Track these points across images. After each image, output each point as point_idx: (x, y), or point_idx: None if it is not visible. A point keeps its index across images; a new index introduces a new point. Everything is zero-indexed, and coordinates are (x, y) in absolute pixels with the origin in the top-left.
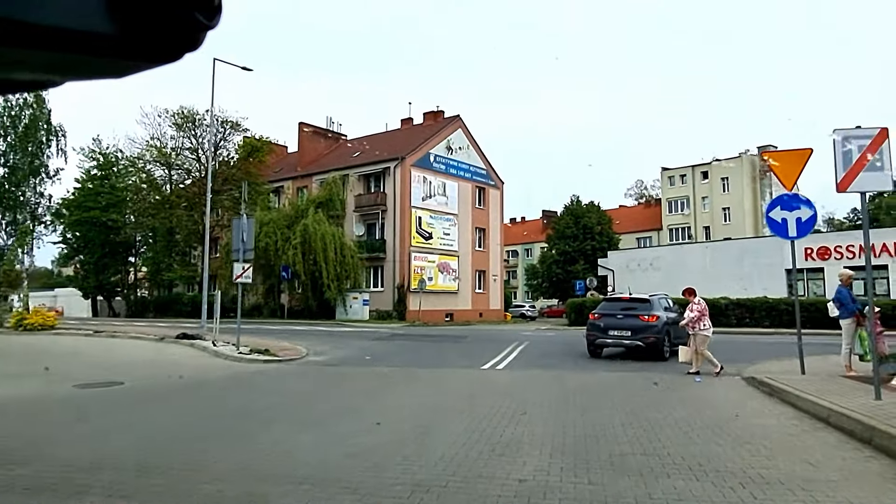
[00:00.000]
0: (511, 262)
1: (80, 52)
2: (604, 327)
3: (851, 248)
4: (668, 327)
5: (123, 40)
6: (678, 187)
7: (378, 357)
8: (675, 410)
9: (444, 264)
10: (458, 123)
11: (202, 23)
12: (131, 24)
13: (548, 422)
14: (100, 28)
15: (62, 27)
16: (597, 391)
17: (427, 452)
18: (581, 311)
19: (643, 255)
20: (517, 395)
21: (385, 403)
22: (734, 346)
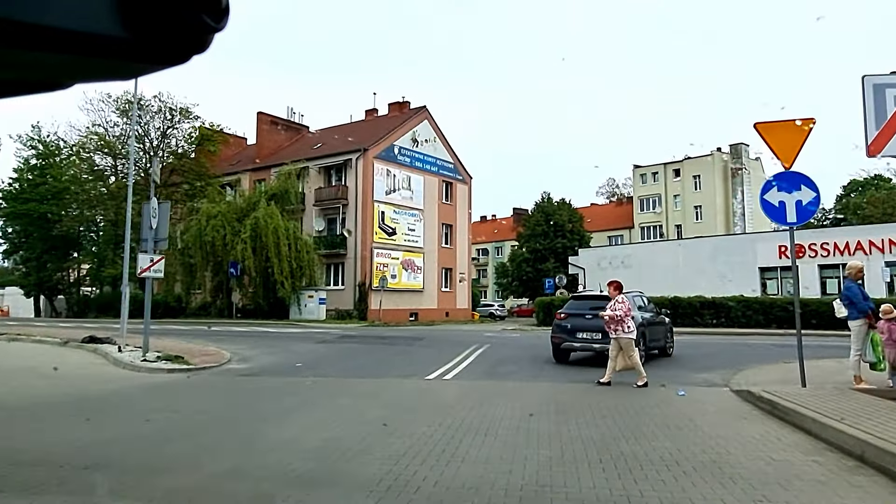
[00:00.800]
0: (482, 260)
1: (89, 55)
2: (570, 329)
3: (826, 245)
4: (642, 329)
5: (132, 42)
6: (650, 185)
7: (310, 364)
8: (658, 440)
9: (408, 261)
10: (424, 115)
11: (209, 25)
12: (140, 26)
13: (489, 460)
14: (109, 30)
15: (71, 29)
16: (558, 411)
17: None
18: (549, 311)
19: (614, 253)
20: (456, 418)
21: (281, 435)
22: (712, 348)
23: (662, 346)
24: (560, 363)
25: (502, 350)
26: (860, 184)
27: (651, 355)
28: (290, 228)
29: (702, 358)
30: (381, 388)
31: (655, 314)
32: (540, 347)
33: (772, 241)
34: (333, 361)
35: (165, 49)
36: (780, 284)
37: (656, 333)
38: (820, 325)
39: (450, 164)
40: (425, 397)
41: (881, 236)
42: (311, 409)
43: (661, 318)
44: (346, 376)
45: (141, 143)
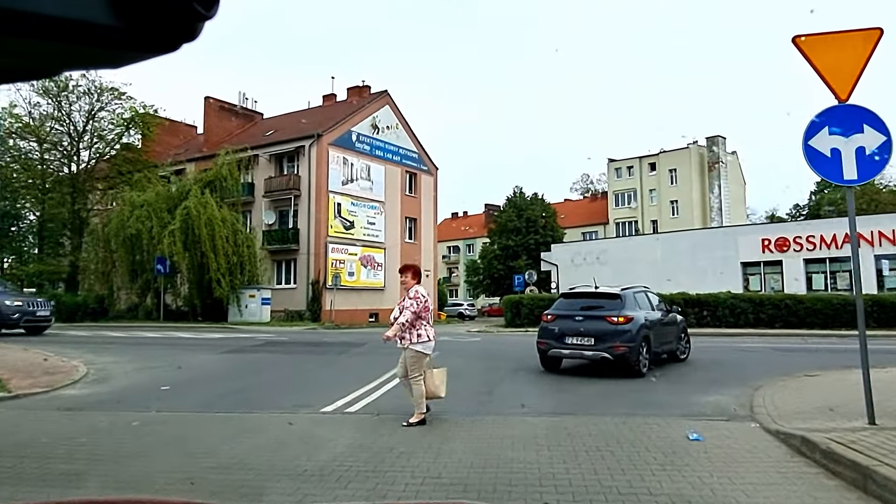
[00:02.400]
0: (452, 258)
1: (79, 43)
2: (559, 333)
3: (812, 238)
4: (646, 332)
5: (122, 30)
6: (625, 180)
7: (182, 386)
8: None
9: (367, 257)
10: (385, 100)
11: (200, 13)
12: (130, 14)
13: None
14: (98, 18)
15: (61, 17)
16: (506, 480)
17: None
18: (518, 310)
19: (589, 249)
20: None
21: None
22: (710, 354)
23: (673, 349)
24: (550, 371)
25: (452, 360)
26: None
27: (660, 360)
28: (229, 220)
29: (702, 368)
30: (236, 434)
31: (665, 312)
32: (498, 356)
33: (754, 234)
34: (216, 381)
35: (155, 37)
36: (764, 280)
37: (666, 335)
38: (827, 323)
39: (413, 153)
40: (286, 453)
41: (870, 228)
42: (97, 476)
43: (671, 318)
44: (208, 408)
45: (65, 126)
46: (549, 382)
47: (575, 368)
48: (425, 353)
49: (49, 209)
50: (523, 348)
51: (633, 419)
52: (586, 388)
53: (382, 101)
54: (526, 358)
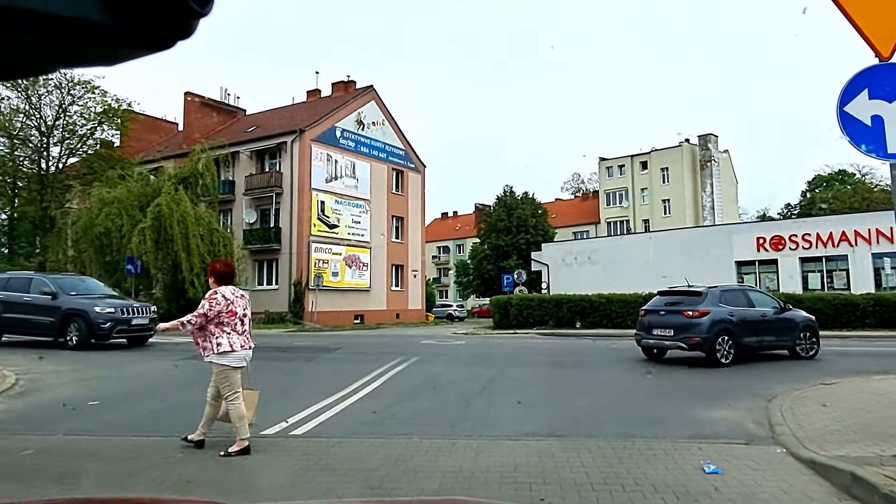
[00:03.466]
0: (442, 258)
1: (73, 40)
2: (647, 325)
3: (808, 236)
4: (726, 326)
5: (116, 28)
6: (616, 179)
7: (113, 402)
8: None
9: (352, 257)
10: (371, 95)
11: (195, 10)
12: (124, 11)
13: None
14: (92, 15)
15: (55, 14)
16: None
17: None
18: (507, 311)
19: (580, 248)
20: None
21: None
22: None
23: (789, 346)
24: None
25: (431, 367)
26: (825, 179)
27: (760, 356)
28: (205, 218)
29: (705, 374)
30: (142, 468)
31: (779, 310)
32: (482, 361)
33: (748, 232)
34: (156, 395)
35: (150, 34)
36: (758, 280)
37: (771, 332)
38: (827, 323)
39: (400, 150)
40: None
41: (867, 226)
42: None
43: (784, 315)
44: (128, 430)
45: (34, 120)
46: (535, 393)
47: (565, 377)
48: (231, 365)
49: (19, 207)
50: (509, 352)
51: (633, 443)
52: (578, 400)
53: (368, 97)
54: (511, 364)
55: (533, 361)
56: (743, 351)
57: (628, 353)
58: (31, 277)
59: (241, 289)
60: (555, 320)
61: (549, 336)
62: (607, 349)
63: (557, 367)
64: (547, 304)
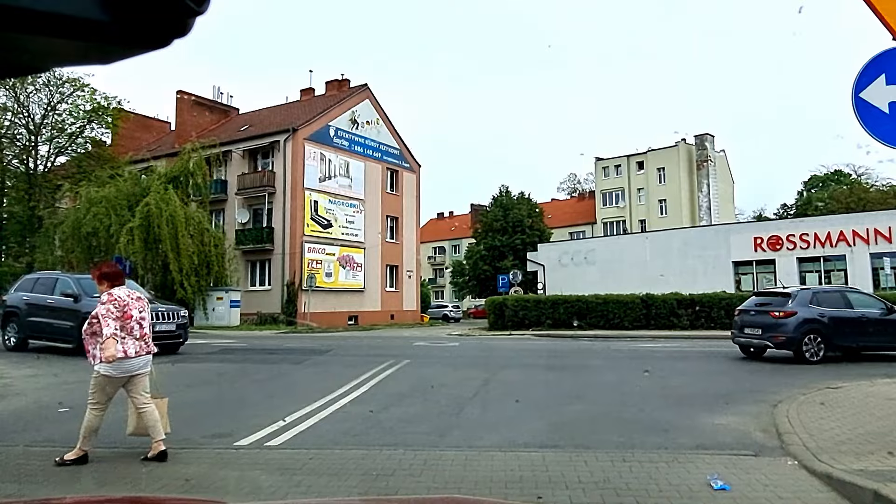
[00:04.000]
0: (438, 259)
1: (69, 38)
2: (740, 324)
3: (806, 236)
4: (814, 326)
5: (113, 26)
6: (613, 179)
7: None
8: None
9: (346, 257)
10: (365, 94)
11: (191, 8)
12: (121, 9)
13: None
14: (89, 13)
15: (51, 12)
16: None
17: None
18: (502, 312)
19: (576, 248)
20: None
21: None
22: (713, 361)
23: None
24: None
25: (422, 370)
26: (820, 179)
27: (831, 357)
28: (195, 217)
29: (706, 376)
30: (90, 486)
31: (886, 311)
32: (476, 364)
33: (746, 232)
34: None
35: (146, 32)
36: (756, 280)
37: (873, 333)
38: None
39: (395, 149)
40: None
41: (866, 226)
42: None
43: (889, 318)
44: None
45: (22, 118)
46: (530, 398)
47: (561, 380)
48: (111, 375)
49: (7, 207)
50: (504, 354)
51: (633, 455)
52: (574, 405)
53: (362, 96)
54: (506, 367)
55: (528, 363)
56: (838, 350)
57: (626, 353)
58: (57, 278)
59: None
60: (551, 321)
61: (545, 337)
62: (605, 350)
63: (553, 369)
64: (543, 305)
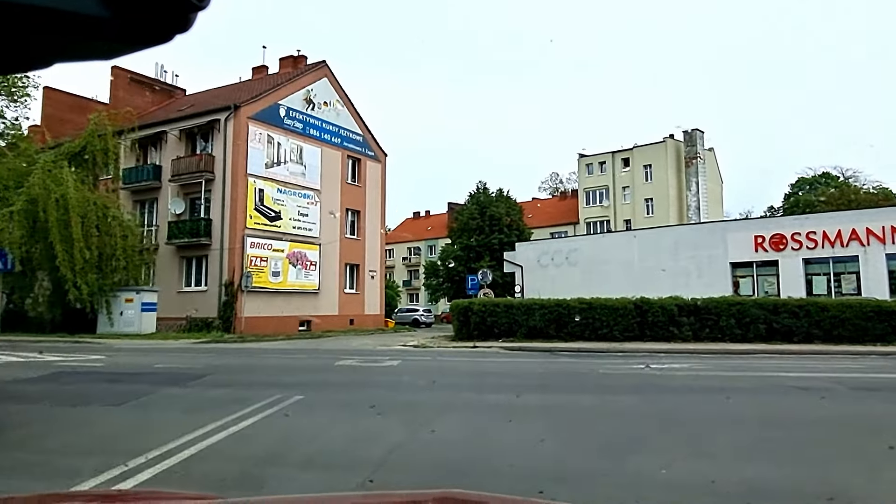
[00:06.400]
0: (414, 259)
1: (73, 35)
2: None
3: (813, 235)
4: None
5: (115, 23)
6: (597, 176)
7: None
8: None
9: (298, 254)
10: (323, 71)
11: (192, 4)
12: (123, 6)
13: None
14: (92, 10)
15: (53, 9)
16: None
17: None
18: (468, 317)
19: (558, 247)
20: None
21: None
22: (749, 395)
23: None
24: None
25: (304, 419)
26: (808, 181)
27: None
28: (99, 203)
29: (723, 427)
30: None
31: None
32: (403, 407)
33: (745, 230)
34: None
35: (148, 29)
36: (756, 283)
37: None
38: (857, 336)
39: (357, 135)
40: None
41: (881, 223)
42: None
43: None
44: None
45: None
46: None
47: (524, 442)
48: None
49: None
50: (453, 383)
51: None
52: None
53: (319, 73)
54: (444, 411)
55: (478, 405)
56: None
57: (629, 382)
58: None
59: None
60: (524, 330)
61: (515, 351)
62: (594, 377)
63: (516, 417)
64: (515, 311)
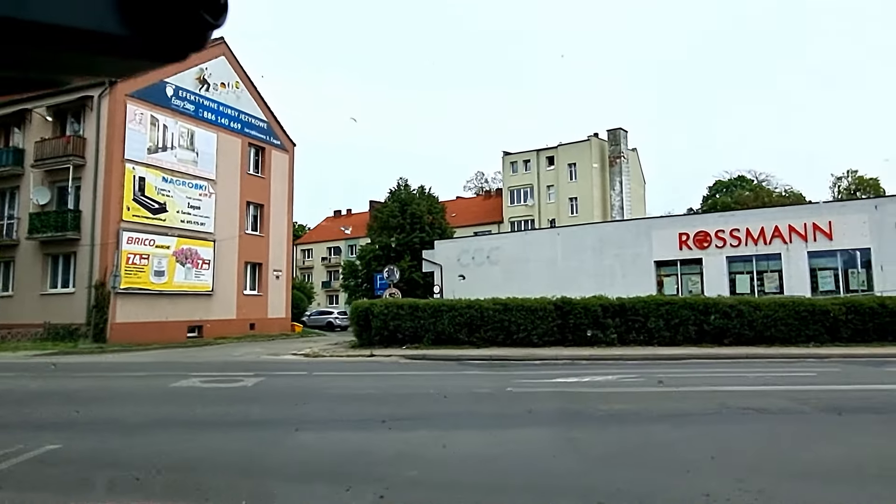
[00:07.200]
0: (333, 260)
1: (89, 52)
2: None
3: (737, 232)
4: None
5: (132, 40)
6: (521, 175)
7: None
8: None
9: (187, 252)
10: (220, 49)
11: (209, 22)
12: (140, 23)
13: None
14: (109, 28)
15: (72, 27)
16: None
17: None
18: (367, 323)
19: (479, 246)
20: None
21: None
22: (699, 424)
23: None
24: None
25: (46, 483)
26: (725, 184)
27: None
28: None
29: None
30: None
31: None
32: (203, 463)
33: (670, 228)
34: None
35: (165, 46)
36: (680, 282)
37: None
38: (790, 337)
39: (262, 121)
40: None
41: (804, 220)
42: None
43: None
44: None
45: None
46: None
47: None
48: None
49: None
50: (304, 415)
51: None
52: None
53: (216, 51)
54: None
55: (303, 455)
56: None
57: (535, 413)
58: None
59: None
60: (431, 336)
61: (418, 361)
62: (497, 399)
63: (348, 472)
64: (421, 314)
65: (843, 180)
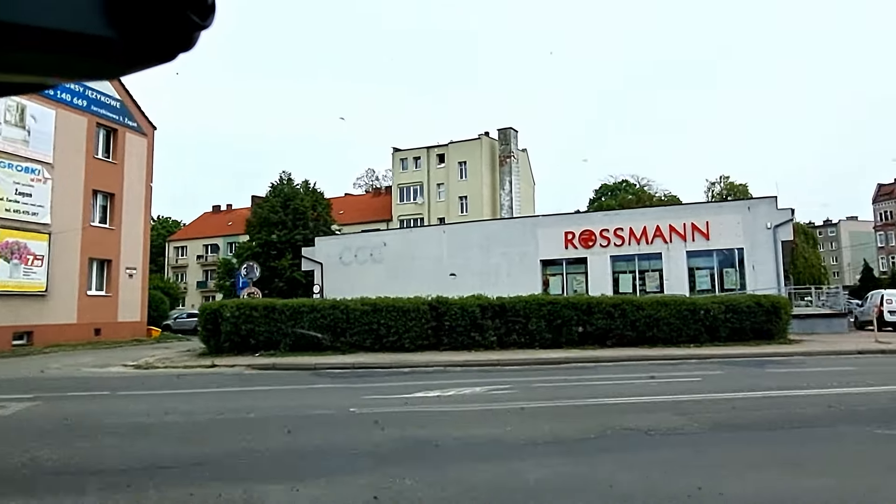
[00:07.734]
0: (211, 258)
1: (76, 55)
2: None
3: (620, 232)
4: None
5: (119, 42)
6: (411, 172)
7: None
8: None
9: (13, 245)
10: None
11: (196, 23)
12: (127, 25)
13: None
14: (96, 30)
15: (58, 29)
16: None
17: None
18: (216, 325)
19: (362, 243)
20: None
21: None
22: (563, 461)
23: None
24: None
25: None
26: (610, 188)
27: None
28: None
29: None
30: None
31: None
32: None
33: (556, 226)
34: None
35: (152, 48)
36: (565, 281)
37: None
38: (672, 338)
39: (115, 100)
40: None
41: (683, 220)
42: None
43: None
44: None
45: None
46: None
47: None
48: None
49: None
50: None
51: None
52: None
53: None
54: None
55: None
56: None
57: (367, 449)
58: None
59: None
60: (289, 340)
61: (267, 371)
62: (340, 428)
63: None
64: (278, 317)
65: (717, 185)
